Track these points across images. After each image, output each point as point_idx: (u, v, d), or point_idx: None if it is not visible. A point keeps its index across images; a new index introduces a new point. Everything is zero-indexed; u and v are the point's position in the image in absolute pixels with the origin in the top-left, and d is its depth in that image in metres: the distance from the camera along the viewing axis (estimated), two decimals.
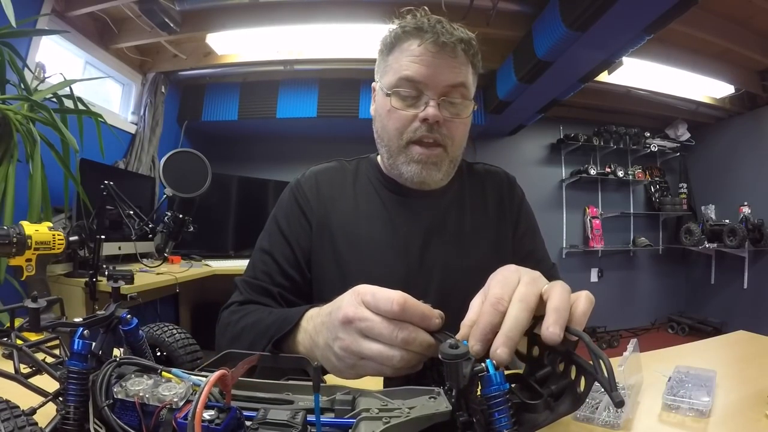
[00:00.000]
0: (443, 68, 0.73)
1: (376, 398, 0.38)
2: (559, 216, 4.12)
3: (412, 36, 0.74)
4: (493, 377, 0.34)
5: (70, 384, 0.36)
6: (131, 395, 0.34)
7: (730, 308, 3.84)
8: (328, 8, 2.49)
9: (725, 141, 3.99)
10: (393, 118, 0.76)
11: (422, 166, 0.76)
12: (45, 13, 2.10)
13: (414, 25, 0.74)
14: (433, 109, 0.72)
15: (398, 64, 0.75)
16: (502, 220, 0.87)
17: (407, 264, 0.79)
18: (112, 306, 0.43)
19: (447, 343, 0.35)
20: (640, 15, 2.01)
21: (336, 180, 0.87)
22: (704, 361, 0.80)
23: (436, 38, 0.72)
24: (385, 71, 0.79)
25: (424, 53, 0.72)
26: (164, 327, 0.52)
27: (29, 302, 0.38)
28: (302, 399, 0.38)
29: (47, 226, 0.87)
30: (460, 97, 0.75)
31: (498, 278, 0.46)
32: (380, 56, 0.81)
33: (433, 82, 0.73)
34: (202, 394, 0.29)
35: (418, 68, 0.73)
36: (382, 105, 0.78)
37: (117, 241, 2.22)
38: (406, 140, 0.76)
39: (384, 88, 0.77)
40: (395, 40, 0.76)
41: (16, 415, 0.32)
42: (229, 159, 3.57)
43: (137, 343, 0.44)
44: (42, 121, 1.55)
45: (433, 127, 0.74)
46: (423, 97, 0.74)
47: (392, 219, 0.82)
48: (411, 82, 0.73)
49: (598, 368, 0.34)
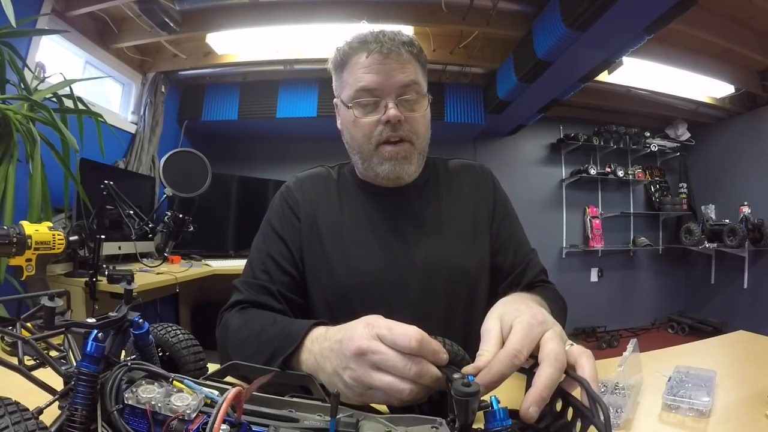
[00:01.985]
0: (393, 72, 0.78)
1: (379, 423, 0.38)
2: (559, 216, 4.12)
3: (359, 50, 0.79)
4: (497, 413, 0.36)
5: (79, 385, 0.35)
6: (142, 402, 0.34)
7: (730, 308, 3.84)
8: (328, 8, 2.49)
9: (725, 141, 3.99)
10: (359, 126, 0.81)
11: (394, 163, 0.82)
12: (45, 13, 2.10)
13: (359, 40, 0.80)
14: (393, 110, 0.78)
15: (352, 78, 0.80)
16: (479, 209, 0.91)
17: (390, 257, 0.83)
18: (124, 308, 0.43)
19: (460, 381, 0.37)
20: (640, 15, 2.01)
21: (320, 183, 0.92)
22: (704, 361, 0.80)
23: (381, 47, 0.77)
24: (342, 87, 0.84)
25: (373, 63, 0.78)
26: (168, 328, 0.52)
27: (46, 300, 0.38)
28: (306, 417, 0.39)
29: (47, 226, 0.87)
30: (414, 94, 0.80)
31: (523, 325, 0.46)
32: (334, 75, 0.87)
33: (387, 86, 0.78)
34: (220, 411, 0.30)
35: (371, 77, 0.78)
36: (346, 117, 0.84)
37: (117, 241, 2.22)
38: (375, 143, 0.81)
39: (345, 101, 0.82)
40: (344, 57, 0.82)
41: (26, 417, 0.31)
42: (229, 159, 3.57)
43: (146, 347, 0.44)
44: (42, 121, 1.55)
45: (396, 126, 0.79)
46: (381, 102, 0.79)
47: (372, 217, 0.87)
48: (367, 91, 0.79)
49: (594, 412, 0.36)
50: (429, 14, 2.52)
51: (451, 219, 0.88)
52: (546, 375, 0.41)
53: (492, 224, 0.91)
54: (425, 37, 2.84)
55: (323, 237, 0.85)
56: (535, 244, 0.93)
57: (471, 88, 3.40)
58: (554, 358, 0.42)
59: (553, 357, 0.42)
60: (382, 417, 0.40)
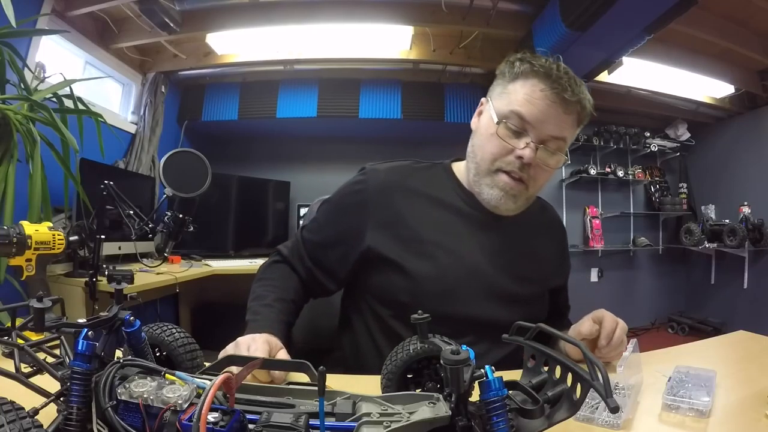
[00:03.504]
0: (553, 119, 0.78)
1: (376, 403, 0.38)
2: (559, 216, 4.11)
3: (540, 77, 0.78)
4: (492, 383, 0.35)
5: (73, 385, 0.36)
6: (135, 397, 0.34)
7: (730, 308, 3.83)
8: (328, 8, 2.49)
9: (725, 141, 3.98)
10: (493, 143, 0.81)
11: (503, 195, 0.82)
12: (45, 13, 2.09)
13: (545, 69, 0.78)
14: (531, 152, 0.77)
15: (516, 97, 0.79)
16: (556, 257, 0.97)
17: (465, 276, 0.83)
18: (114, 308, 0.43)
19: (448, 349, 0.36)
20: (640, 15, 2.01)
21: (407, 180, 0.90)
22: (704, 361, 0.80)
23: (560, 91, 0.76)
24: (501, 95, 0.82)
25: (545, 99, 0.77)
26: (164, 327, 0.52)
27: (34, 302, 0.38)
28: (303, 403, 0.39)
29: (47, 226, 0.87)
30: (556, 149, 0.80)
31: (609, 318, 0.78)
32: (500, 78, 0.85)
33: (540, 127, 0.78)
34: (208, 396, 0.30)
35: (532, 110, 0.77)
36: (486, 126, 0.83)
37: (117, 241, 2.22)
38: (497, 167, 0.81)
39: (495, 113, 0.81)
40: (522, 73, 0.80)
41: (21, 416, 0.32)
42: (229, 159, 3.56)
43: (139, 345, 0.44)
44: (42, 121, 1.55)
45: (524, 166, 0.79)
46: (525, 136, 0.78)
47: (461, 231, 0.87)
48: (521, 119, 0.78)
49: (594, 375, 0.35)
50: (429, 14, 2.52)
51: (533, 260, 0.91)
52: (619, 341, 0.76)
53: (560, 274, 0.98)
54: (425, 38, 2.84)
55: (401, 239, 0.84)
56: None
57: (471, 88, 3.39)
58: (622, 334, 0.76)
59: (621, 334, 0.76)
60: (379, 397, 0.40)
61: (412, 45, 2.86)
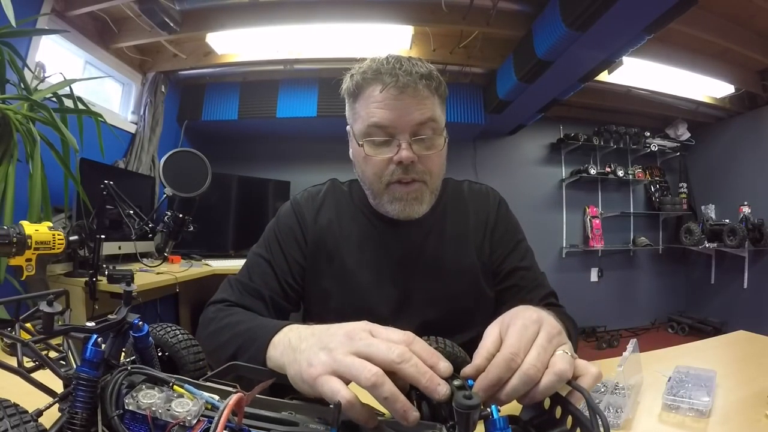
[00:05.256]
0: (409, 108, 0.74)
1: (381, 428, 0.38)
2: (559, 216, 4.12)
3: (374, 81, 0.75)
4: (497, 422, 0.36)
5: (78, 390, 0.35)
6: (143, 408, 0.34)
7: (730, 308, 3.83)
8: (328, 8, 2.49)
9: (725, 141, 3.98)
10: (369, 164, 0.79)
11: (405, 203, 0.79)
12: (45, 12, 2.09)
13: (373, 71, 0.75)
14: (406, 152, 0.74)
15: (365, 112, 0.76)
16: (484, 239, 0.89)
17: (394, 290, 0.84)
18: (123, 310, 0.42)
19: (462, 394, 0.37)
20: (640, 15, 2.01)
21: (331, 203, 0.91)
22: (704, 361, 0.80)
23: (396, 81, 0.73)
24: (354, 118, 0.81)
25: (388, 98, 0.74)
26: (167, 328, 0.52)
27: (44, 305, 0.37)
28: (306, 421, 0.39)
29: (47, 225, 0.87)
30: (430, 132, 0.76)
31: (518, 326, 0.46)
32: (347, 103, 0.83)
33: (402, 123, 0.74)
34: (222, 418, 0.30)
35: (384, 113, 0.74)
36: (357, 152, 0.81)
37: (117, 241, 2.22)
38: (386, 182, 0.78)
39: (356, 136, 0.80)
40: (358, 88, 0.78)
41: (25, 420, 0.31)
42: (229, 159, 3.56)
43: (146, 350, 0.44)
44: (42, 121, 1.55)
45: (408, 168, 0.76)
46: (394, 140, 0.75)
47: (379, 249, 0.86)
48: (380, 128, 0.75)
49: (594, 424, 0.36)
50: (429, 14, 2.52)
51: (454, 253, 0.87)
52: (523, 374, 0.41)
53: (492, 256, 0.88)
54: (425, 37, 2.84)
55: (331, 261, 0.85)
56: (534, 245, 0.93)
57: (471, 88, 3.40)
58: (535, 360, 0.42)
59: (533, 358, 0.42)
60: (383, 421, 0.39)
61: (412, 45, 2.85)
